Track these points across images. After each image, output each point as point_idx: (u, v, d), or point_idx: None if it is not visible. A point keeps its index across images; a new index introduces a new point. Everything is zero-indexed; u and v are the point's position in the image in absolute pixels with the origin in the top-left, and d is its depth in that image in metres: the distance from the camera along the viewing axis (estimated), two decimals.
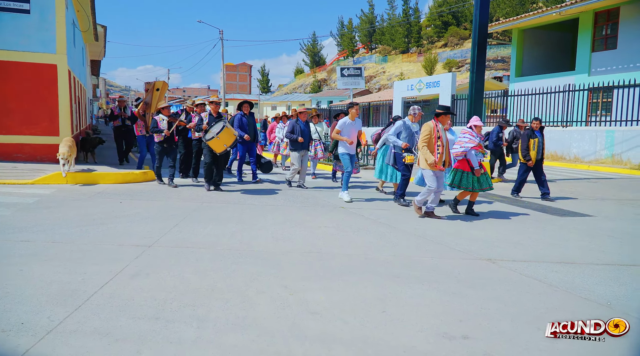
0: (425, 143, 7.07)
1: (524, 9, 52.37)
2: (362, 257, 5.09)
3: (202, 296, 3.78)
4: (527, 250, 5.59)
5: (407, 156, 7.99)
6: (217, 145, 8.91)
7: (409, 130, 8.08)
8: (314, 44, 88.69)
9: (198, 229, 6.13)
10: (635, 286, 4.36)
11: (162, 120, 9.61)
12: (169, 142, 9.72)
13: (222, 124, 9.02)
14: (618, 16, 19.75)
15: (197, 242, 5.51)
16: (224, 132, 8.86)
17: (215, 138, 8.81)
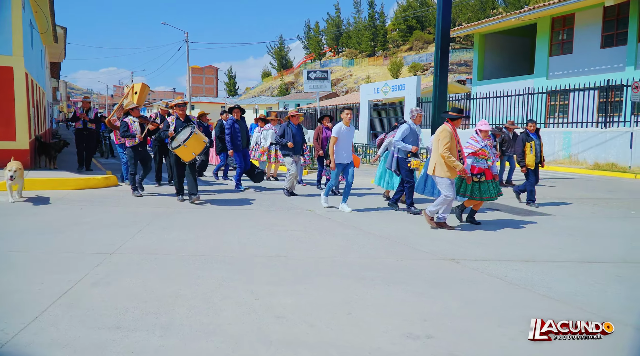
0: (448, 149, 6.52)
1: (485, 14, 53.75)
2: (328, 260, 5.11)
3: (165, 304, 3.71)
4: (489, 249, 5.73)
5: (413, 161, 7.63)
6: (184, 154, 8.05)
7: (414, 134, 7.77)
8: (281, 46, 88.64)
9: (163, 235, 6.02)
10: (590, 282, 4.52)
11: (134, 122, 8.94)
12: (142, 145, 9.10)
13: (189, 130, 8.14)
14: (573, 22, 20.49)
15: (161, 248, 5.41)
16: (192, 139, 7.99)
17: (183, 146, 7.94)
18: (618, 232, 6.80)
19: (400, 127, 7.90)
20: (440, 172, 6.62)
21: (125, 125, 8.87)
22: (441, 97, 12.92)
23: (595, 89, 16.77)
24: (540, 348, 3.17)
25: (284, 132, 9.52)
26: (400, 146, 7.71)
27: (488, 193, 6.93)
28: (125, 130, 8.86)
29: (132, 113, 9.08)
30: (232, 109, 10.27)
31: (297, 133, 9.59)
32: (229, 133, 9.89)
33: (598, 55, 19.48)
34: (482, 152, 6.88)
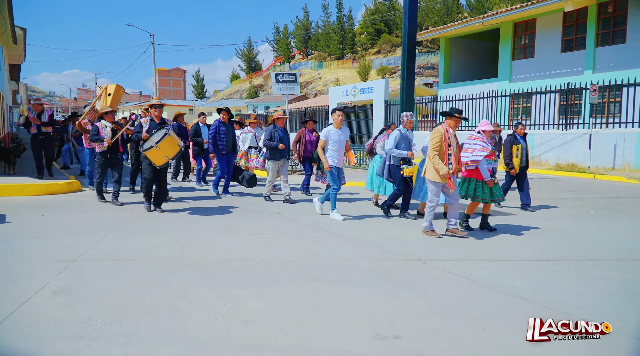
0: (437, 151, 6.26)
1: (450, 18, 54.77)
2: (297, 263, 5.10)
3: (130, 311, 3.63)
4: (455, 249, 5.83)
5: (406, 168, 7.35)
6: (156, 157, 7.53)
7: (406, 140, 7.52)
8: (249, 49, 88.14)
9: (127, 241, 5.90)
10: (552, 279, 4.66)
11: (105, 127, 8.54)
12: (113, 152, 8.61)
13: (163, 131, 7.64)
14: (535, 27, 21.12)
15: (126, 254, 5.30)
16: (165, 141, 7.49)
17: (155, 148, 7.45)
18: (579, 230, 7.02)
19: (391, 134, 7.63)
20: (429, 174, 6.38)
21: (95, 129, 8.52)
22: (408, 100, 13.14)
23: (556, 92, 17.30)
24: (503, 344, 3.24)
25: (271, 135, 9.06)
26: (395, 153, 7.47)
27: (499, 195, 6.81)
28: (94, 134, 8.48)
29: (106, 118, 8.68)
30: (219, 111, 10.01)
31: (284, 137, 9.19)
32: (212, 135, 9.61)
33: (558, 59, 20.13)
34: (492, 153, 6.74)
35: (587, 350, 3.16)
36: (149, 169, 7.82)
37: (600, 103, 16.90)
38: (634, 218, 8.11)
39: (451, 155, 6.26)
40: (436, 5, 59.90)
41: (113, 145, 8.55)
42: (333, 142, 7.57)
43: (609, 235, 6.75)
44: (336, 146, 7.58)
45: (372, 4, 72.91)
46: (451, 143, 6.27)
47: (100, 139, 8.43)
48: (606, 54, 18.47)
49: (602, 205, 9.33)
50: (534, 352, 3.15)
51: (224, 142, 9.61)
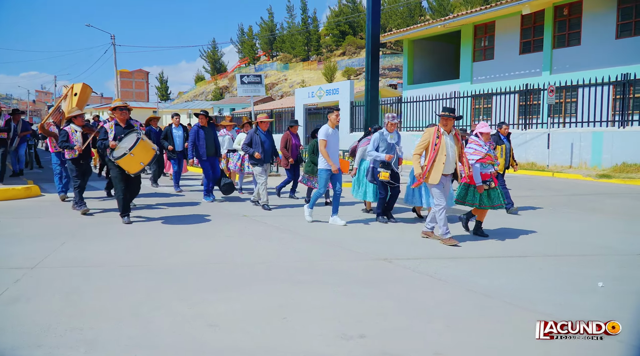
0: (420, 151, 6.12)
1: (413, 20, 55.60)
2: (264, 265, 5.08)
3: (91, 318, 3.54)
4: (420, 248, 5.92)
5: (381, 172, 7.12)
6: (130, 164, 6.86)
7: (385, 143, 7.24)
8: (214, 50, 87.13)
9: (88, 247, 5.74)
10: (513, 275, 4.79)
11: (75, 131, 7.88)
12: (85, 158, 8.05)
13: (135, 136, 6.98)
14: (494, 29, 21.69)
15: (86, 260, 5.16)
16: (139, 146, 6.84)
17: (128, 155, 6.78)
18: (540, 227, 7.23)
19: (372, 136, 7.41)
20: (431, 178, 6.06)
21: (64, 135, 7.82)
22: (373, 101, 13.28)
23: (515, 93, 17.81)
24: (467, 341, 3.31)
25: (251, 140, 8.48)
26: (373, 155, 7.25)
27: (499, 201, 6.43)
28: (64, 140, 7.79)
29: (75, 122, 8.01)
30: (197, 115, 9.60)
31: (267, 140, 8.58)
32: (192, 141, 9.23)
33: (517, 60, 20.72)
34: (488, 157, 6.41)
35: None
36: (119, 178, 7.08)
37: (558, 104, 17.49)
38: (591, 215, 8.42)
39: (436, 155, 6.01)
40: (399, 7, 60.71)
41: (85, 151, 7.96)
42: (331, 144, 7.26)
43: (569, 231, 6.98)
44: (333, 147, 7.32)
45: (336, 6, 73.35)
46: (437, 144, 5.99)
47: (71, 146, 7.79)
48: (562, 56, 19.13)
49: (562, 202, 9.65)
50: (497, 348, 3.23)
51: (203, 147, 9.24)
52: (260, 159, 8.41)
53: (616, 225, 7.48)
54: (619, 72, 15.13)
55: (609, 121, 15.29)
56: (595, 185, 12.39)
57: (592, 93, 15.53)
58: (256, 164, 8.52)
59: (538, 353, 3.17)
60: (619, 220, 7.90)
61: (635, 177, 13.02)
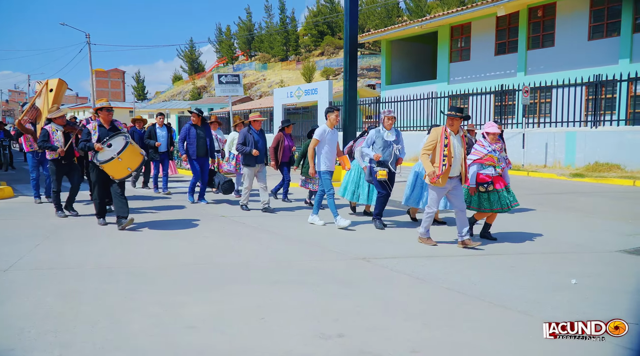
0: (428, 151, 5.85)
1: (391, 21, 56.01)
2: (242, 265, 5.06)
3: (66, 321, 3.48)
4: (398, 246, 5.97)
5: (379, 171, 6.81)
6: (117, 169, 6.51)
7: (382, 140, 6.86)
8: (191, 50, 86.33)
9: (63, 248, 5.64)
10: (488, 273, 4.87)
11: (56, 131, 7.49)
12: (68, 158, 7.62)
13: (123, 139, 6.62)
14: (470, 30, 22.00)
15: (61, 262, 5.06)
16: (127, 151, 6.49)
17: (116, 159, 6.42)
18: (516, 226, 7.36)
19: (370, 132, 7.08)
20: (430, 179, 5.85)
21: (45, 134, 7.43)
22: (351, 102, 13.35)
23: (491, 93, 18.08)
24: (444, 339, 3.36)
25: (245, 139, 8.16)
26: (364, 152, 6.94)
27: (499, 204, 6.17)
28: (44, 140, 7.40)
29: (56, 121, 7.58)
30: (191, 112, 9.28)
31: (260, 140, 8.30)
32: (182, 139, 9.00)
33: (493, 61, 21.06)
34: (488, 158, 6.14)
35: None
36: (100, 182, 6.77)
37: (532, 104, 17.81)
38: (566, 213, 8.61)
39: (446, 157, 5.70)
40: (377, 8, 61.08)
41: (67, 151, 7.57)
42: (328, 143, 7.06)
43: (543, 229, 7.10)
44: (331, 147, 7.11)
45: (315, 6, 73.42)
46: (448, 145, 5.70)
47: (53, 147, 7.41)
48: (537, 57, 19.50)
49: (537, 201, 9.83)
50: (472, 345, 3.28)
51: (193, 146, 8.96)
52: (252, 160, 8.16)
53: (590, 223, 7.65)
54: (592, 73, 15.49)
55: (582, 121, 15.64)
56: (569, 184, 12.67)
57: (566, 94, 15.87)
58: (247, 165, 8.25)
59: (512, 350, 3.23)
60: (593, 218, 8.09)
61: (607, 175, 13.35)
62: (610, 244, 6.14)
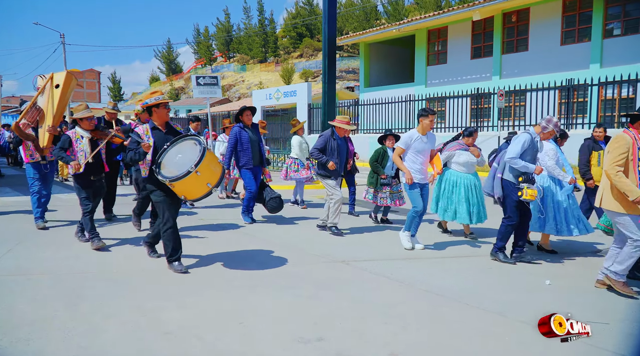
0: (621, 166, 4.30)
1: (369, 24, 56.31)
2: (220, 270, 5.02)
3: (39, 328, 3.40)
4: (377, 249, 6.01)
5: (527, 190, 5.23)
6: (193, 187, 4.72)
7: (534, 149, 5.37)
8: (169, 51, 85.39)
9: (37, 253, 5.51)
10: (465, 275, 4.94)
11: (81, 137, 5.85)
12: (96, 171, 5.90)
13: (195, 145, 4.85)
14: (447, 34, 22.30)
15: (34, 268, 4.95)
16: (206, 161, 4.68)
17: (193, 173, 4.57)
18: (489, 227, 7.45)
19: (520, 137, 5.37)
20: (612, 203, 4.36)
21: (66, 141, 5.77)
22: (330, 104, 13.38)
23: (467, 97, 18.33)
24: (423, 341, 3.40)
25: (325, 144, 6.74)
26: (518, 166, 5.21)
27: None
28: (62, 148, 5.76)
29: (82, 125, 5.89)
30: (242, 111, 7.44)
31: (343, 148, 6.87)
32: (232, 146, 7.35)
33: (469, 65, 21.37)
34: None
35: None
36: (170, 210, 4.93)
37: (507, 107, 18.12)
38: None
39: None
40: (355, 11, 61.45)
41: (95, 163, 5.85)
42: (417, 152, 5.95)
43: None
44: (421, 157, 5.98)
45: (293, 8, 73.46)
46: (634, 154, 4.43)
47: (68, 160, 5.69)
48: (511, 61, 19.86)
49: None
50: (450, 346, 3.33)
51: (248, 153, 7.32)
52: (334, 170, 6.70)
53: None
54: (564, 78, 15.84)
55: None
56: None
57: (540, 97, 16.19)
58: (327, 176, 6.77)
59: (489, 351, 3.29)
60: None
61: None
62: (587, 246, 6.29)
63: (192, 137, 5.00)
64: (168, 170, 4.74)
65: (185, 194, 4.80)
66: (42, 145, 6.69)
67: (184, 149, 4.89)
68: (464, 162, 6.52)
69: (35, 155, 6.79)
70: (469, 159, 6.52)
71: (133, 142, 4.91)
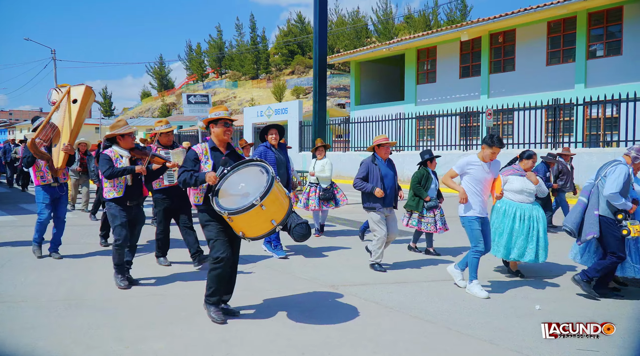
0: None
1: (360, 42, 57.00)
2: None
3: None
4: (365, 272, 5.94)
5: (631, 226, 4.79)
6: (255, 223, 4.00)
7: (630, 182, 4.99)
8: (161, 67, 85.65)
9: (18, 278, 5.40)
10: (455, 300, 4.89)
11: (120, 157, 5.19)
12: (134, 196, 5.26)
13: (261, 172, 4.15)
14: (436, 54, 22.59)
15: (15, 294, 4.84)
16: (273, 194, 3.98)
17: (258, 207, 3.86)
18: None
19: (617, 169, 4.92)
20: None
21: (106, 161, 5.10)
22: (321, 122, 13.48)
23: (456, 115, 18.49)
24: None
25: (367, 172, 6.00)
26: (618, 203, 4.84)
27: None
28: (110, 168, 5.04)
29: (122, 143, 5.26)
30: (267, 130, 6.74)
31: (388, 173, 6.07)
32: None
33: (458, 84, 21.63)
34: None
35: None
36: (224, 247, 4.17)
37: (496, 126, 18.31)
38: None
39: None
40: (346, 29, 62.15)
41: (134, 186, 5.25)
42: (475, 180, 5.19)
43: None
44: (479, 186, 5.19)
45: (285, 26, 74.19)
46: None
47: (129, 168, 5.09)
48: (499, 81, 20.13)
49: None
50: None
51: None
52: (380, 199, 5.92)
53: (554, 246, 7.81)
54: (550, 97, 16.05)
55: (543, 143, 16.14)
56: None
57: (527, 116, 16.37)
58: (371, 207, 5.96)
59: None
60: (559, 240, 8.26)
61: (573, 197, 13.74)
62: (576, 269, 6.29)
63: (258, 163, 4.28)
64: (228, 201, 4.04)
65: (244, 230, 4.03)
66: (57, 165, 6.20)
67: (247, 176, 4.19)
68: (519, 189, 5.67)
69: (47, 176, 6.24)
70: (524, 186, 5.68)
71: (189, 160, 4.28)
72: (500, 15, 18.71)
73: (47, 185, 6.28)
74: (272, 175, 4.01)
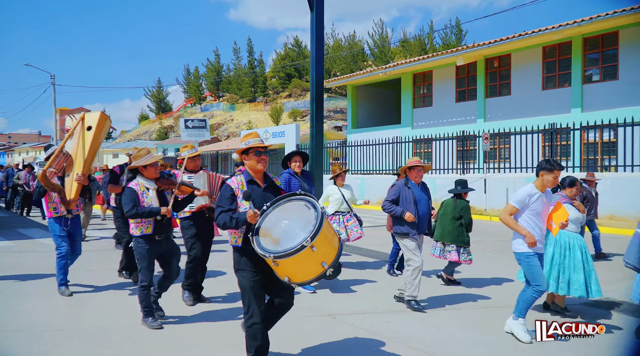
0: None
1: (357, 66, 57.68)
2: (201, 327, 4.89)
3: None
4: (362, 300, 5.90)
5: None
6: (305, 266, 3.41)
7: None
8: (159, 90, 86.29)
9: (13, 306, 5.36)
10: (453, 330, 4.85)
11: (146, 190, 4.86)
12: (163, 229, 4.90)
13: (307, 208, 3.57)
14: (432, 78, 22.86)
15: (11, 323, 4.80)
16: (324, 233, 3.40)
17: (308, 248, 3.29)
18: (481, 274, 7.40)
19: None
20: None
21: (131, 196, 4.73)
22: (318, 147, 13.49)
23: (453, 139, 18.63)
24: None
25: (398, 195, 5.72)
26: None
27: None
28: (134, 207, 4.68)
29: (146, 173, 4.91)
30: (290, 157, 6.42)
31: (422, 198, 5.74)
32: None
33: (454, 108, 21.83)
34: None
35: None
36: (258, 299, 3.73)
37: (492, 150, 18.42)
38: None
39: None
40: (342, 53, 62.97)
41: (163, 220, 4.90)
42: (535, 214, 4.70)
43: (507, 279, 7.16)
44: (539, 219, 4.73)
45: (282, 49, 75.13)
46: None
47: (155, 210, 4.73)
48: (495, 105, 20.33)
49: (498, 248, 9.98)
50: None
51: None
52: (415, 225, 5.58)
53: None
54: (547, 121, 16.20)
55: None
56: None
57: (524, 140, 16.50)
58: (406, 234, 5.60)
59: None
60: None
61: None
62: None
63: (302, 197, 3.66)
64: (269, 241, 3.47)
65: (290, 275, 3.42)
66: (69, 197, 5.84)
67: (290, 213, 3.60)
68: (574, 218, 5.25)
69: (59, 208, 5.85)
70: (577, 215, 5.34)
71: (224, 199, 3.68)
72: (495, 41, 18.98)
73: (60, 217, 5.93)
74: (322, 212, 3.45)
